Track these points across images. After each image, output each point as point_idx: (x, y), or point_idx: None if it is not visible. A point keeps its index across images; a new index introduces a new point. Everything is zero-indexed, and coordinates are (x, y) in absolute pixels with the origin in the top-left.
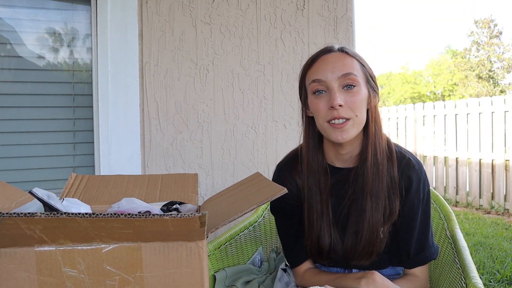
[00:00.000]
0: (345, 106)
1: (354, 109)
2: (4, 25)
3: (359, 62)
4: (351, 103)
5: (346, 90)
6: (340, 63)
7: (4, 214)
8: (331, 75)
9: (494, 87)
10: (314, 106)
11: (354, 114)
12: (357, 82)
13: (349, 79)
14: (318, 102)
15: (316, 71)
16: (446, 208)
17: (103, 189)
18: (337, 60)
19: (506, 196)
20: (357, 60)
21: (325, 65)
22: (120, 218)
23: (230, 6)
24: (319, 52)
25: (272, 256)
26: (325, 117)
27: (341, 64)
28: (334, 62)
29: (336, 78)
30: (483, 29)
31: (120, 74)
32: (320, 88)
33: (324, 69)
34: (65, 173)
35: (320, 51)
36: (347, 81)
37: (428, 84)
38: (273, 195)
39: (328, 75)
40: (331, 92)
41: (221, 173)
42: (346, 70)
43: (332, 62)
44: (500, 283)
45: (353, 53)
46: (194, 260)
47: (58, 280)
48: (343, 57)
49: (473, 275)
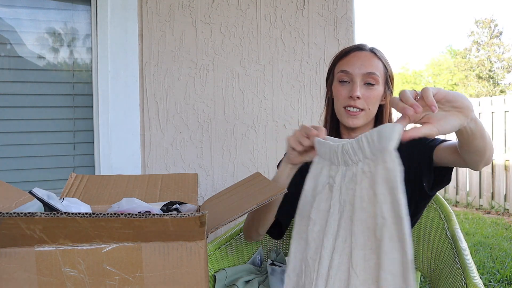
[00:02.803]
0: (362, 99)
1: (369, 102)
2: (4, 25)
3: (383, 64)
4: (367, 98)
5: (366, 86)
6: (368, 62)
7: (4, 214)
8: (358, 70)
9: (494, 87)
10: (336, 91)
11: (368, 107)
12: (377, 81)
13: (371, 77)
14: (341, 89)
15: (347, 63)
16: (446, 208)
17: (103, 189)
18: (366, 59)
19: (506, 196)
20: (382, 62)
21: (355, 60)
22: (120, 218)
23: (230, 6)
24: (353, 47)
25: (272, 256)
26: (343, 102)
27: (368, 63)
28: (363, 60)
29: (361, 74)
30: (484, 29)
31: (120, 74)
32: (345, 79)
33: (353, 63)
34: (65, 173)
35: (354, 46)
36: (369, 79)
37: (428, 84)
38: (273, 195)
39: (355, 69)
40: (354, 84)
41: (221, 173)
42: (370, 69)
43: (362, 59)
44: (500, 283)
45: (381, 55)
46: (194, 260)
47: (58, 280)
48: (372, 57)
49: (473, 275)
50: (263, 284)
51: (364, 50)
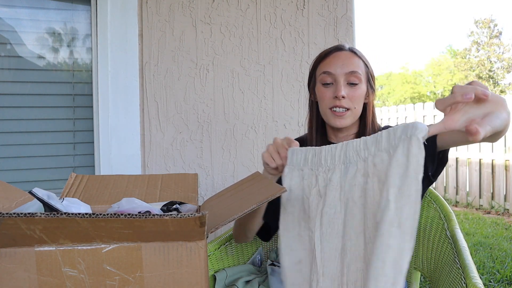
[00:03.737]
0: (347, 98)
1: (353, 101)
2: (4, 25)
3: (364, 63)
4: (352, 97)
5: (349, 85)
6: (348, 61)
7: (4, 214)
8: (340, 70)
9: (494, 87)
10: (320, 94)
11: (353, 106)
12: (359, 79)
13: (354, 76)
14: (325, 91)
15: (328, 64)
16: (446, 208)
17: (103, 189)
18: (346, 58)
19: (506, 196)
20: (363, 61)
21: (336, 61)
22: (120, 218)
23: (230, 6)
24: (332, 48)
25: (272, 256)
26: (328, 104)
27: (349, 62)
28: (344, 60)
29: (344, 73)
30: (483, 29)
31: (120, 74)
32: (328, 80)
33: (335, 64)
34: (65, 173)
35: (334, 47)
36: (352, 78)
37: (428, 84)
38: (273, 195)
39: (337, 69)
40: (338, 85)
41: (221, 173)
42: (352, 68)
43: (342, 59)
44: (500, 283)
45: (360, 54)
46: (194, 260)
47: (58, 280)
48: (352, 57)
49: (473, 275)
50: (263, 284)
51: (343, 50)
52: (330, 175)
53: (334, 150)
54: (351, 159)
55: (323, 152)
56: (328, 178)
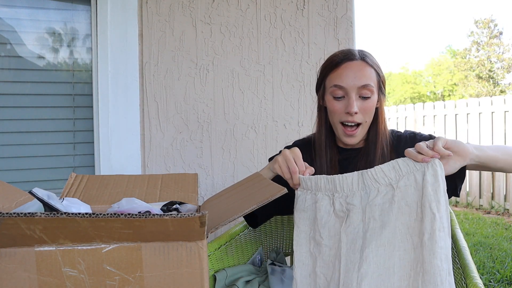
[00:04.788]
0: (359, 113)
1: (365, 115)
2: (4, 25)
3: (375, 72)
4: (364, 110)
5: (362, 99)
6: (360, 73)
7: (4, 214)
8: (352, 82)
9: (494, 87)
10: (331, 106)
11: (365, 120)
12: (372, 92)
13: (367, 89)
14: (336, 104)
15: (339, 76)
16: None
17: (103, 189)
18: (358, 70)
19: (506, 196)
20: (374, 69)
21: (348, 73)
22: (120, 218)
23: (230, 6)
24: (342, 56)
25: (272, 256)
26: (339, 118)
27: (361, 74)
28: (356, 71)
29: (356, 87)
30: (483, 29)
31: (120, 74)
32: (339, 94)
33: (346, 77)
34: (65, 173)
35: (344, 56)
36: (364, 91)
37: (428, 84)
38: (273, 195)
39: (349, 82)
40: (350, 99)
41: (221, 173)
42: (365, 81)
43: (354, 71)
44: (500, 283)
45: (372, 62)
46: (194, 260)
47: (58, 280)
48: (364, 67)
49: (473, 275)
50: (263, 284)
51: (355, 60)
52: (350, 199)
53: (350, 179)
54: (370, 186)
55: (336, 180)
56: (348, 202)
